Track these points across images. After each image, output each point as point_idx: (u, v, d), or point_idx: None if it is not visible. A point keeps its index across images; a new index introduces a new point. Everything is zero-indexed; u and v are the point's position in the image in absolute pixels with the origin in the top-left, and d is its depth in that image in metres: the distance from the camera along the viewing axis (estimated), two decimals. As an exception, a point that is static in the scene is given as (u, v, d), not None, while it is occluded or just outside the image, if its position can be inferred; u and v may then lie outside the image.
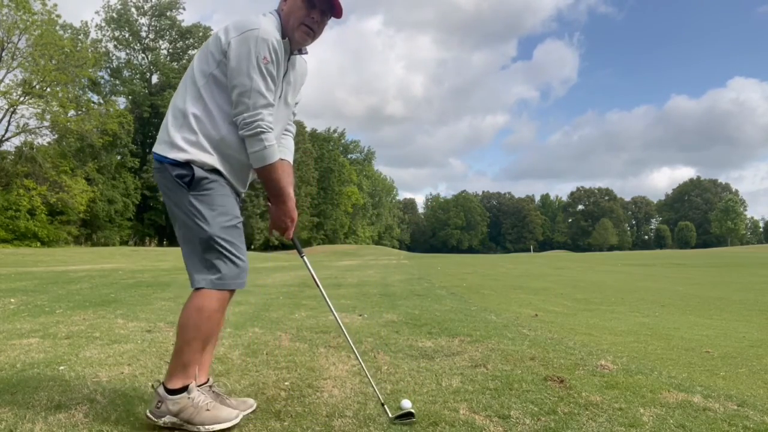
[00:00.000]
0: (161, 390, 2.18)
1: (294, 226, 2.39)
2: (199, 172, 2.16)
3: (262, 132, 2.13)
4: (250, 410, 2.41)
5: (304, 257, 2.52)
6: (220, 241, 2.17)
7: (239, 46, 2.11)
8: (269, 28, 2.15)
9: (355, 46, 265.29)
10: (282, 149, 2.43)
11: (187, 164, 2.16)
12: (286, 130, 2.55)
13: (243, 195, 2.44)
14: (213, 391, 2.43)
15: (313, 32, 2.28)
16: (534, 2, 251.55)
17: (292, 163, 2.54)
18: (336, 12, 2.27)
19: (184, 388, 2.17)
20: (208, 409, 2.17)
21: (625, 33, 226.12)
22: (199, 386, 2.38)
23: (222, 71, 2.16)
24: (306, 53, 2.43)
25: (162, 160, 2.20)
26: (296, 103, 2.55)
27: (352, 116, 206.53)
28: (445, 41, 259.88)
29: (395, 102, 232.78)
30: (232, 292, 2.26)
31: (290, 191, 2.34)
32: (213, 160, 2.19)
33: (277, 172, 2.23)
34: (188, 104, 2.20)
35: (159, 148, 2.23)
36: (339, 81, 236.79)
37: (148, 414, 2.17)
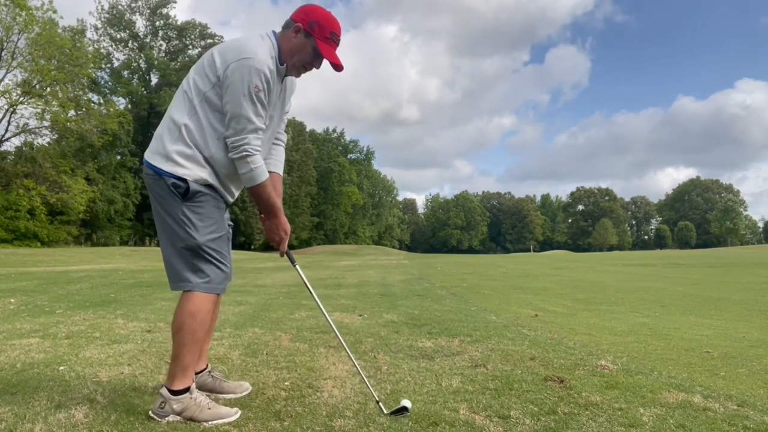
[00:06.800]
0: (164, 391, 2.29)
1: (287, 239, 2.48)
2: (194, 186, 2.27)
3: (248, 155, 2.24)
4: (245, 392, 2.62)
5: (297, 266, 2.61)
6: (207, 249, 2.29)
7: (233, 74, 2.19)
8: (263, 57, 2.23)
9: (371, 51, 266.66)
10: (272, 161, 2.57)
11: (183, 178, 2.26)
12: (278, 139, 2.65)
13: (232, 201, 2.54)
14: (212, 376, 2.63)
15: (308, 71, 2.44)
16: (549, 11, 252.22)
17: (281, 173, 2.63)
18: (337, 70, 2.39)
19: (186, 389, 2.29)
20: (209, 408, 2.29)
21: (638, 37, 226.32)
22: (199, 372, 2.59)
23: (216, 93, 2.25)
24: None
25: (159, 172, 2.27)
26: (286, 112, 2.65)
27: (365, 120, 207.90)
28: (459, 47, 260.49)
29: (408, 106, 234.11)
30: (218, 295, 2.38)
31: (279, 204, 2.44)
32: (207, 174, 2.30)
33: (266, 190, 2.34)
34: (183, 117, 2.29)
35: (154, 159, 2.30)
36: (353, 85, 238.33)
37: (152, 414, 2.27)
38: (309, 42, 2.31)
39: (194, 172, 2.26)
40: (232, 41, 2.35)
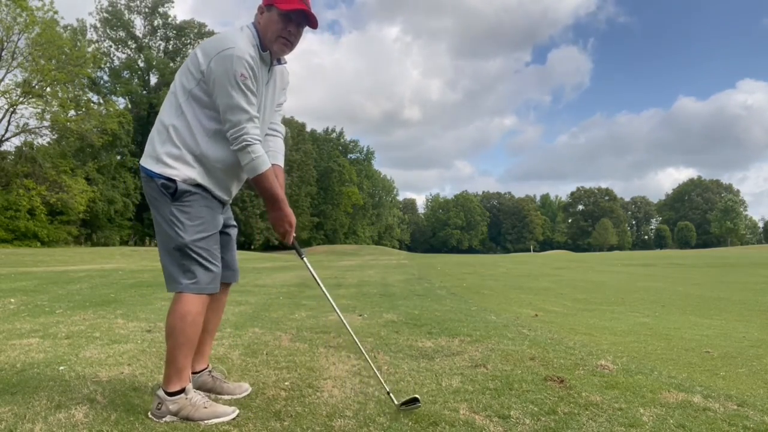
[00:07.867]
0: (161, 392, 2.31)
1: (293, 230, 2.49)
2: (182, 186, 2.29)
3: (249, 144, 2.26)
4: (245, 393, 2.61)
5: (305, 258, 2.60)
6: (195, 248, 2.30)
7: (217, 67, 2.22)
8: (243, 46, 2.25)
9: (373, 52, 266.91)
10: (272, 153, 2.57)
11: (172, 178, 2.28)
12: (275, 131, 2.66)
13: (229, 201, 2.56)
14: (212, 376, 2.64)
15: (290, 43, 2.39)
16: (551, 12, 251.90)
17: (282, 165, 2.63)
18: (311, 23, 2.37)
19: (182, 390, 2.31)
20: (205, 407, 2.31)
21: (640, 38, 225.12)
22: (199, 372, 2.60)
23: (201, 89, 2.28)
24: (285, 63, 2.55)
25: (150, 174, 2.31)
26: (280, 104, 2.66)
27: (366, 120, 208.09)
28: (461, 48, 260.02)
29: (410, 106, 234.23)
30: (210, 295, 2.39)
31: (282, 195, 2.43)
32: (196, 173, 2.31)
33: (269, 180, 2.34)
34: (171, 118, 2.32)
35: (146, 162, 2.34)
36: (355, 85, 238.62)
37: (150, 415, 2.30)
38: (273, 11, 2.33)
39: (183, 172, 2.29)
40: (212, 37, 2.38)
